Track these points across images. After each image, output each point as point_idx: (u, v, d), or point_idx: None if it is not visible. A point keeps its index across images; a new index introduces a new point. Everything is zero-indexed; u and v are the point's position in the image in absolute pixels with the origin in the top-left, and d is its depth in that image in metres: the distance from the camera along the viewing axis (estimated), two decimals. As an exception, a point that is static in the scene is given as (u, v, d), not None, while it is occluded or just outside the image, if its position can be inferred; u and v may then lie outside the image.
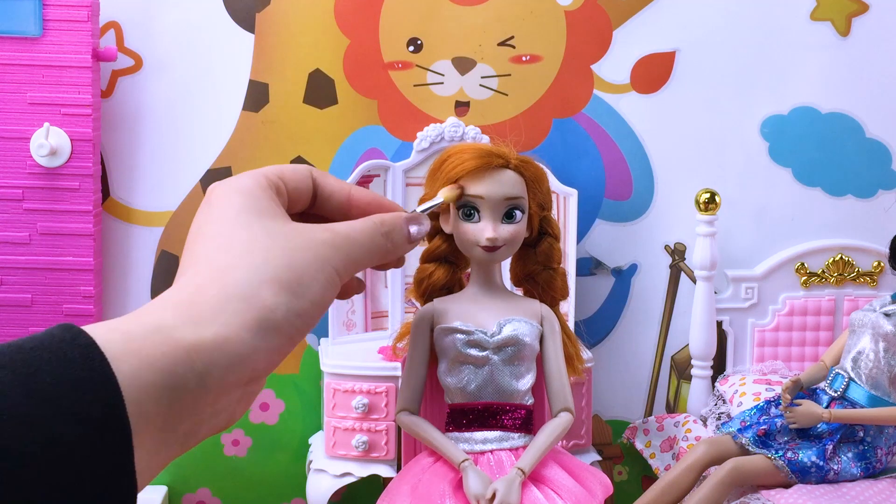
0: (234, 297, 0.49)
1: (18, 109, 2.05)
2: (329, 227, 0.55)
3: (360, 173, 2.11)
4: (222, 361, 0.47)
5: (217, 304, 0.48)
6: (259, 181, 0.56)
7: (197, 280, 0.50)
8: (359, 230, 0.57)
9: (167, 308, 0.48)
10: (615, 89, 2.23)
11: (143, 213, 2.21)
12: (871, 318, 1.87)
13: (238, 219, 0.53)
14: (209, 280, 0.50)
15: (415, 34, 2.20)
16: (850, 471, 1.83)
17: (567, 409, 1.58)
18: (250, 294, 0.49)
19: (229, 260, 0.51)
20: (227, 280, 0.50)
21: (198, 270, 0.51)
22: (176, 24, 2.17)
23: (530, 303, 1.60)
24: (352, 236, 0.56)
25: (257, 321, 0.49)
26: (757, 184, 2.26)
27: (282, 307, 0.50)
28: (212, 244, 0.52)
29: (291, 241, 0.53)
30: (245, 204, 0.54)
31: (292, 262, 0.52)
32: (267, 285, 0.50)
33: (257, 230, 0.53)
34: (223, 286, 0.49)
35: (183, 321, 0.47)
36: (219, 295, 0.49)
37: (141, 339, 0.45)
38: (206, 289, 0.49)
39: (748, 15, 2.22)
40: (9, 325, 2.09)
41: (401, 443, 1.72)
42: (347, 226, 0.56)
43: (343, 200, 0.61)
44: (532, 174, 1.56)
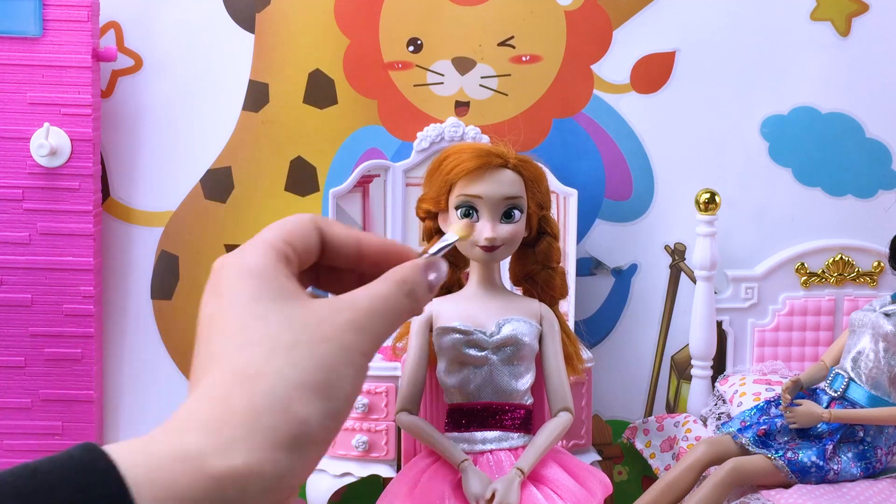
0: (263, 412, 0.45)
1: (18, 109, 2.05)
2: (350, 304, 0.50)
3: (360, 173, 2.11)
4: (256, 487, 0.44)
5: (246, 422, 0.45)
6: (268, 257, 0.51)
7: (220, 390, 0.46)
8: (382, 299, 0.52)
9: (192, 429, 0.44)
10: (615, 89, 2.23)
11: (143, 213, 2.21)
12: (871, 318, 1.87)
13: (254, 309, 0.49)
14: (234, 391, 0.46)
15: (415, 34, 2.20)
16: (850, 471, 1.83)
17: (566, 408, 1.58)
18: (281, 407, 0.45)
19: (252, 364, 0.47)
20: (255, 390, 0.46)
21: (219, 377, 0.47)
22: (176, 24, 2.17)
23: (529, 302, 1.60)
24: (375, 310, 0.51)
25: (291, 437, 0.45)
26: (757, 184, 2.25)
27: (315, 415, 0.46)
28: (229, 343, 0.48)
29: (315, 333, 0.48)
30: (258, 289, 0.49)
31: (320, 360, 0.47)
32: (297, 394, 0.46)
33: (277, 323, 0.48)
34: (251, 399, 0.45)
35: (211, 447, 0.43)
36: (246, 411, 0.45)
37: (167, 468, 0.42)
38: (233, 403, 0.45)
39: (748, 15, 2.22)
40: (9, 325, 2.09)
41: (401, 443, 1.72)
42: (368, 298, 0.51)
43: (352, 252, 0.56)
44: (531, 174, 1.56)
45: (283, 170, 2.21)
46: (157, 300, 2.23)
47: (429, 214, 1.62)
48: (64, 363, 2.11)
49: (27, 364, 2.10)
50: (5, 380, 2.10)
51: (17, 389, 2.10)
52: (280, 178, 2.21)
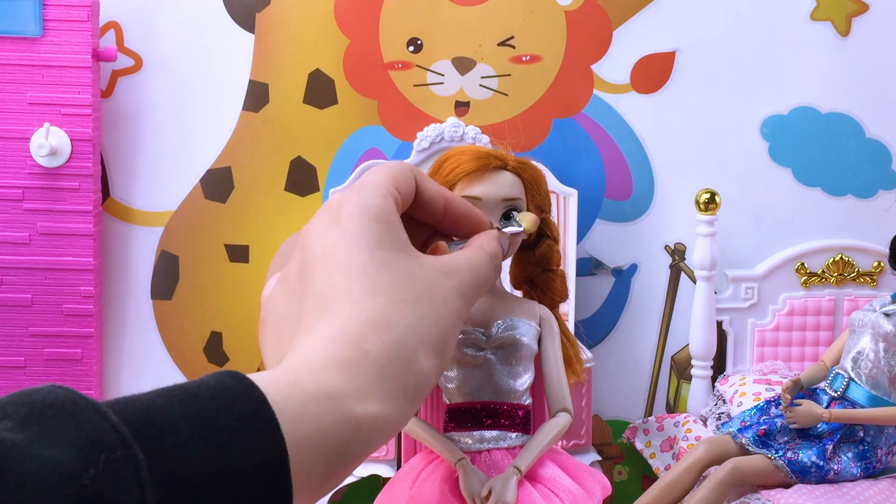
0: (393, 360, 0.48)
1: (18, 109, 2.05)
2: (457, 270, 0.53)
3: (360, 173, 2.11)
4: (385, 432, 0.47)
5: (379, 369, 0.47)
6: (389, 203, 0.52)
7: (353, 331, 0.48)
8: (479, 270, 0.55)
9: (333, 369, 0.47)
10: (615, 89, 2.23)
11: (143, 213, 2.21)
12: (871, 318, 1.87)
13: (379, 255, 0.50)
14: (368, 336, 0.48)
15: (415, 34, 2.20)
16: (850, 471, 1.83)
17: (565, 409, 1.58)
18: (408, 359, 0.48)
19: (382, 312, 0.49)
20: (385, 339, 0.48)
21: (350, 318, 0.48)
22: (176, 24, 2.17)
23: (529, 304, 1.60)
24: (474, 279, 0.54)
25: (414, 388, 0.49)
26: (757, 184, 2.25)
27: (434, 371, 0.50)
28: (357, 285, 0.49)
29: (434, 292, 0.51)
30: (382, 234, 0.51)
31: (439, 319, 0.50)
32: (423, 348, 0.49)
33: (401, 275, 0.50)
34: (383, 345, 0.48)
35: (352, 390, 0.46)
36: (379, 357, 0.48)
37: (315, 404, 0.45)
38: (367, 347, 0.48)
39: (748, 15, 2.22)
40: (9, 324, 2.09)
41: (401, 443, 1.72)
42: (469, 267, 0.54)
43: (439, 209, 0.58)
44: (530, 176, 1.56)
45: (283, 170, 2.21)
46: (157, 300, 2.23)
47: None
48: (64, 363, 2.11)
49: (27, 364, 2.10)
50: (5, 380, 2.10)
51: (17, 389, 2.10)
52: (280, 178, 2.21)
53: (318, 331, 0.49)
